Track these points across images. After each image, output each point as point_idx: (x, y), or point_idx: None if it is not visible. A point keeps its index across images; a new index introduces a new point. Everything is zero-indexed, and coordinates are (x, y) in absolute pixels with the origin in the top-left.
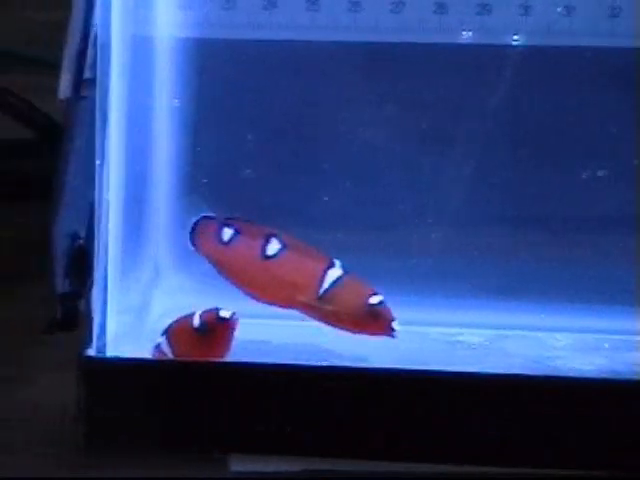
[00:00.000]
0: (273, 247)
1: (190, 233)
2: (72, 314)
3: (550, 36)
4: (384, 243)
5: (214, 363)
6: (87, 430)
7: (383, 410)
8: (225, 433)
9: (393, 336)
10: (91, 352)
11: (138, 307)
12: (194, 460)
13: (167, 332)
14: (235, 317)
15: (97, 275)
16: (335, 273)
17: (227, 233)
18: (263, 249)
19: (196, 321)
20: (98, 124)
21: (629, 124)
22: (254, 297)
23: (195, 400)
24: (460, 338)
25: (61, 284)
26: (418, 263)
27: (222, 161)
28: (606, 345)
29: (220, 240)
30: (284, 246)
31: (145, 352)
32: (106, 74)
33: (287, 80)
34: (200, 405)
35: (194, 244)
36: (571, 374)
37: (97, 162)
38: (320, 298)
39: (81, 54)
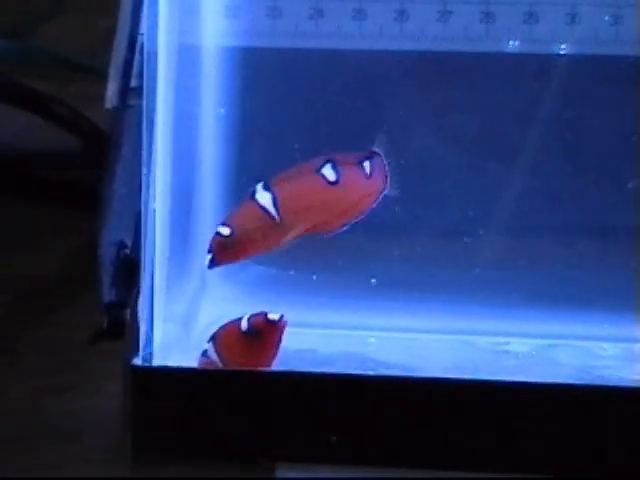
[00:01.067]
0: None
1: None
2: (118, 323)
3: (597, 45)
4: (433, 252)
5: (261, 372)
6: (135, 439)
7: (431, 420)
8: (271, 442)
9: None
10: (137, 361)
11: (184, 316)
12: (240, 469)
13: (214, 338)
14: (284, 320)
15: (144, 284)
16: None
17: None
18: None
19: (244, 325)
20: (145, 133)
21: None
22: None
23: (241, 409)
24: (507, 347)
25: (107, 293)
26: (466, 272)
27: (269, 170)
28: None
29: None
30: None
31: (192, 361)
32: (152, 83)
33: (333, 89)
34: (247, 414)
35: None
36: (619, 384)
37: (144, 171)
38: None
39: (128, 63)
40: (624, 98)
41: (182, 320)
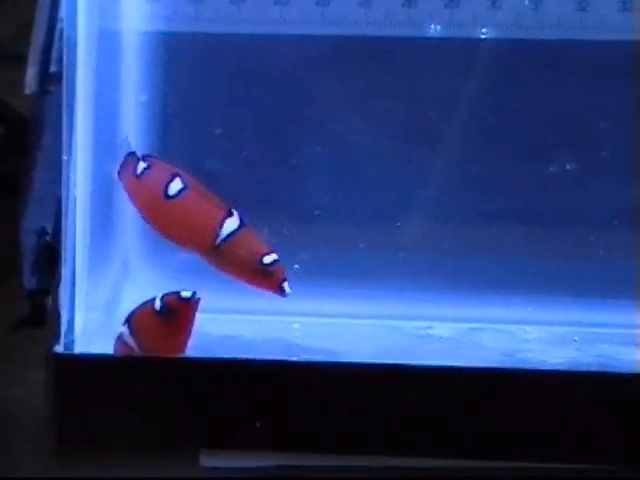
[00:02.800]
0: (175, 186)
1: (118, 169)
2: (40, 311)
3: (518, 29)
4: (357, 237)
5: (185, 359)
6: (57, 426)
7: (354, 404)
8: (195, 429)
9: (284, 295)
10: (59, 349)
11: (107, 303)
12: (165, 456)
13: (129, 320)
14: (196, 297)
15: (65, 271)
16: (233, 224)
17: (140, 166)
18: (166, 188)
19: (157, 304)
20: (65, 119)
21: (603, 116)
22: (158, 232)
23: (164, 396)
24: (431, 332)
25: (28, 281)
26: (390, 257)
27: (190, 155)
28: (576, 338)
29: (135, 173)
30: (185, 187)
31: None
32: (72, 68)
33: (255, 74)
34: (169, 401)
35: (119, 178)
36: (541, 367)
37: (64, 157)
38: (217, 246)
39: (47, 48)
40: (545, 82)
41: (104, 307)
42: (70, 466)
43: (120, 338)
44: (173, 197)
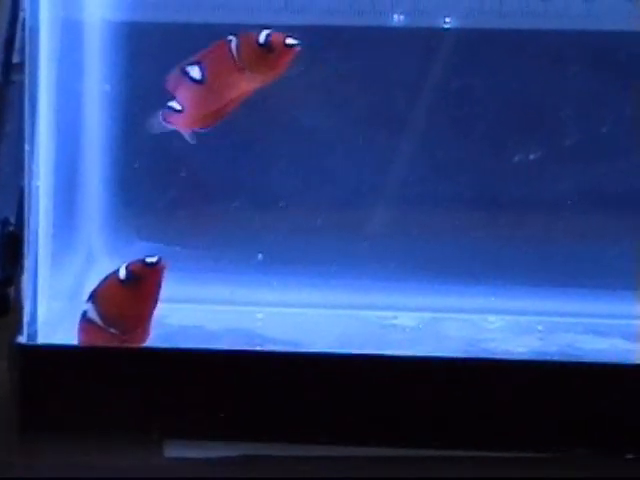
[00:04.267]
0: None
1: None
2: (3, 300)
3: (481, 18)
4: (320, 225)
5: (147, 348)
6: (21, 417)
7: (317, 394)
8: (159, 419)
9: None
10: (22, 339)
11: (70, 293)
12: (129, 446)
13: (93, 296)
14: (162, 262)
15: (28, 261)
16: None
17: None
18: None
19: (122, 273)
20: (27, 109)
21: (567, 104)
22: None
23: (128, 385)
24: (394, 321)
25: None
26: (353, 246)
27: (153, 145)
28: (539, 327)
29: None
30: None
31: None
32: (35, 58)
33: None
34: (133, 391)
35: None
36: (504, 356)
37: (27, 147)
38: None
39: (9, 38)
40: (509, 70)
41: (68, 296)
42: (33, 456)
43: (84, 316)
44: None
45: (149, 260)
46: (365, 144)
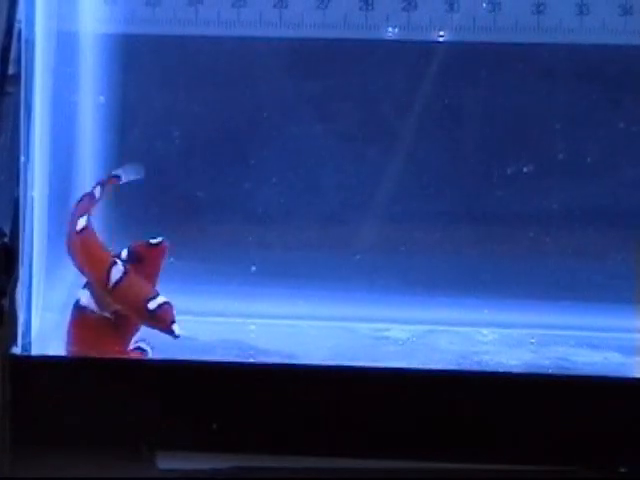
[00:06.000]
0: (80, 224)
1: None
2: None
3: (476, 32)
4: (313, 239)
5: (141, 360)
6: (13, 428)
7: (309, 406)
8: (152, 430)
9: (175, 337)
10: (16, 350)
11: (64, 305)
12: (122, 458)
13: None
14: (165, 242)
15: (22, 272)
16: (117, 272)
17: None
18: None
19: (124, 255)
20: (22, 120)
21: (559, 118)
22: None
23: (122, 397)
24: (387, 334)
25: None
26: (346, 259)
27: (147, 157)
28: (532, 340)
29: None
30: (85, 227)
31: None
32: (30, 70)
33: (212, 76)
34: (127, 402)
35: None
36: (497, 369)
37: (22, 159)
38: (109, 291)
39: (5, 50)
40: (502, 85)
41: (61, 308)
42: (25, 468)
43: (77, 305)
44: (80, 232)
45: (153, 241)
46: (357, 159)
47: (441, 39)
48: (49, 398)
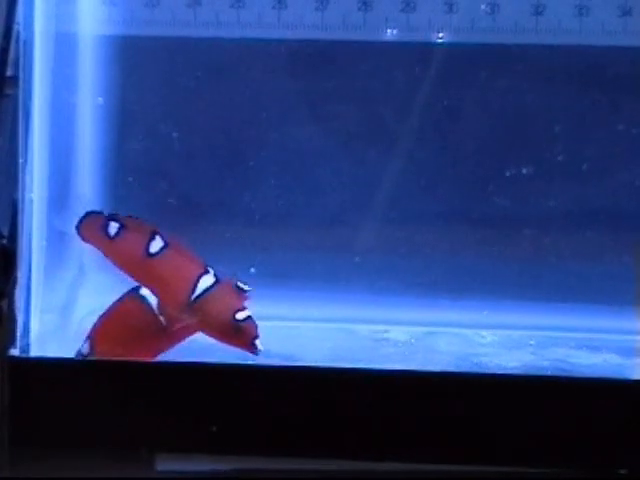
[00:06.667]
0: (156, 245)
1: (77, 227)
2: None
3: (474, 33)
4: (313, 240)
5: (140, 362)
6: (12, 430)
7: (309, 408)
8: (151, 432)
9: (255, 353)
10: (15, 352)
11: (62, 306)
12: (120, 460)
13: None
14: None
15: (20, 274)
16: (207, 281)
17: (113, 227)
18: (147, 246)
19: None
20: (21, 122)
21: (559, 120)
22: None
23: (120, 399)
24: (387, 335)
25: None
26: (345, 260)
27: (147, 159)
28: (532, 342)
29: (107, 234)
30: (166, 245)
31: (70, 352)
32: (29, 72)
33: (211, 77)
34: (125, 404)
35: (82, 237)
36: (497, 371)
37: (20, 160)
38: (191, 303)
39: (3, 51)
40: (501, 86)
41: (60, 310)
42: (24, 469)
43: (136, 294)
44: (154, 255)
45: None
46: (357, 160)
47: (440, 40)
48: (48, 400)
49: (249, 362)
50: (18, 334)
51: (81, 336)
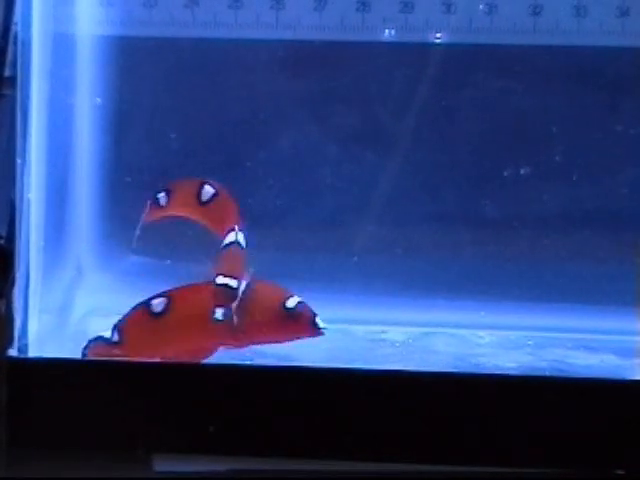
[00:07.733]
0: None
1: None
2: None
3: (472, 34)
4: (310, 241)
5: (136, 363)
6: (10, 431)
7: (306, 408)
8: (148, 432)
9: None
10: (13, 352)
11: (60, 307)
12: (118, 460)
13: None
14: None
15: (18, 275)
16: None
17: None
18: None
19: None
20: (19, 123)
21: (557, 120)
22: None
23: (118, 400)
24: (384, 336)
25: None
26: (343, 261)
27: (145, 159)
28: (530, 342)
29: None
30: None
31: (68, 352)
32: (27, 72)
33: (209, 78)
34: (123, 405)
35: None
36: (494, 371)
37: (18, 161)
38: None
39: (1, 52)
40: (499, 87)
41: (58, 310)
42: (22, 470)
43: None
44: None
45: None
46: (355, 161)
47: (438, 41)
48: (46, 400)
49: (246, 362)
50: (16, 334)
51: (80, 336)
